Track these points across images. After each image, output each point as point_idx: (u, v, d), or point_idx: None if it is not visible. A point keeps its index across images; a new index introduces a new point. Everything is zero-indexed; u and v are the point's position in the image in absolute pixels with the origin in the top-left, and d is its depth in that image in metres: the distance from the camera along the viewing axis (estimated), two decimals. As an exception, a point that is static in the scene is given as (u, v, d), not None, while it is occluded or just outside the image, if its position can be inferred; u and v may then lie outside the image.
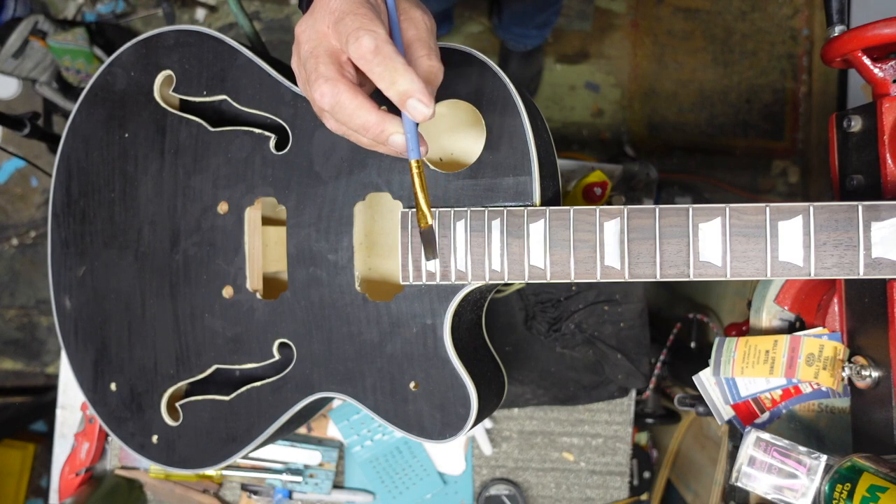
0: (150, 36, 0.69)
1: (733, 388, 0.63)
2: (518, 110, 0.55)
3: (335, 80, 0.46)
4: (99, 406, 0.73)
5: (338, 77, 0.46)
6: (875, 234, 0.47)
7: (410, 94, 0.44)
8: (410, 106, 0.44)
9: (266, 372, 0.67)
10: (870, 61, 0.53)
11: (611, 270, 0.53)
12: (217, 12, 1.69)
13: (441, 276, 0.57)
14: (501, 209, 0.55)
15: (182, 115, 0.68)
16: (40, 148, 1.60)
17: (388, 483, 0.88)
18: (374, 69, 0.44)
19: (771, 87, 1.70)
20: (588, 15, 1.69)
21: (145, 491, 0.90)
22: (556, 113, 1.69)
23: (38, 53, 1.54)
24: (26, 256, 1.69)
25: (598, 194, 0.83)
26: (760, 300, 0.65)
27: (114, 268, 0.71)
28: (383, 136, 0.47)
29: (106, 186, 0.72)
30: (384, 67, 0.44)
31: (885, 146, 0.52)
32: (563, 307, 0.84)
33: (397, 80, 0.44)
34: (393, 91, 0.44)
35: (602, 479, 0.90)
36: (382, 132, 0.47)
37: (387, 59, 0.44)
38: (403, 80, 0.44)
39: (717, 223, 0.50)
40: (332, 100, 0.46)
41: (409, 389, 0.60)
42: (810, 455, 0.52)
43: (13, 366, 1.68)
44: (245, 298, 0.67)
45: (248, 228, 0.67)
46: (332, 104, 0.46)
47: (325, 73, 0.46)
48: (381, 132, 0.47)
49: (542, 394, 0.86)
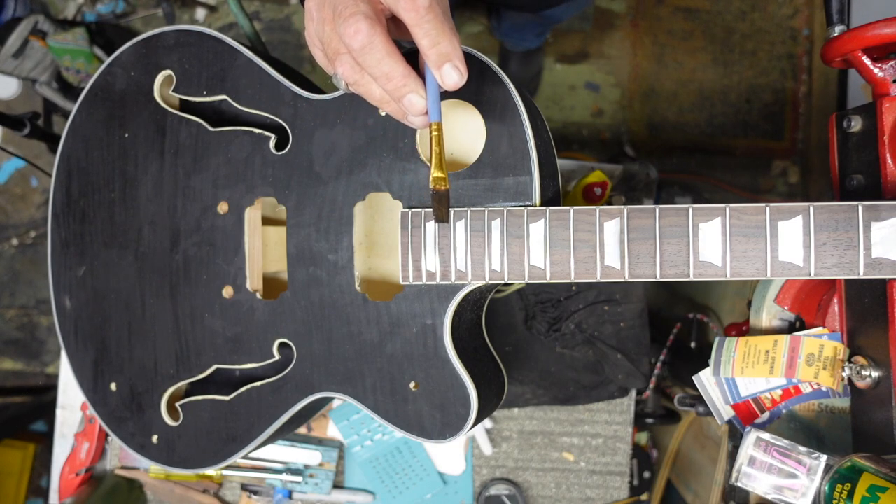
0: (150, 36, 0.69)
1: (733, 388, 0.63)
2: (518, 110, 0.55)
3: (374, 20, 0.44)
4: (99, 406, 0.73)
5: (377, 18, 0.45)
6: (875, 234, 0.47)
7: (450, 57, 0.44)
8: (447, 69, 0.44)
9: (266, 372, 0.67)
10: (870, 61, 0.53)
11: (611, 270, 0.53)
12: (217, 12, 1.69)
13: (441, 276, 0.57)
14: (501, 209, 0.55)
15: (182, 115, 0.68)
16: (40, 148, 1.60)
17: (388, 483, 0.88)
18: (423, 24, 0.43)
19: (771, 87, 1.70)
20: (588, 15, 1.69)
21: (145, 491, 0.90)
22: (556, 113, 1.69)
23: (38, 53, 1.54)
24: (26, 256, 1.69)
25: (598, 194, 0.83)
26: (760, 300, 0.65)
27: (114, 268, 0.71)
28: (402, 91, 0.46)
29: (106, 186, 0.72)
30: (432, 25, 0.43)
31: (885, 146, 0.52)
32: (563, 307, 0.84)
33: (441, 42, 0.43)
34: (434, 51, 0.44)
35: (602, 479, 0.90)
36: (405, 86, 0.46)
37: (437, 17, 0.43)
38: (447, 43, 0.44)
39: (717, 223, 0.50)
40: (366, 38, 0.44)
41: (409, 389, 0.60)
42: (810, 455, 0.52)
43: (13, 366, 1.68)
44: (245, 298, 0.67)
45: (248, 228, 0.67)
46: (365, 44, 0.44)
47: (364, 10, 0.44)
48: (404, 86, 0.46)
49: (542, 394, 0.86)
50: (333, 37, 0.47)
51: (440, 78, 0.45)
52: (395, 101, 0.48)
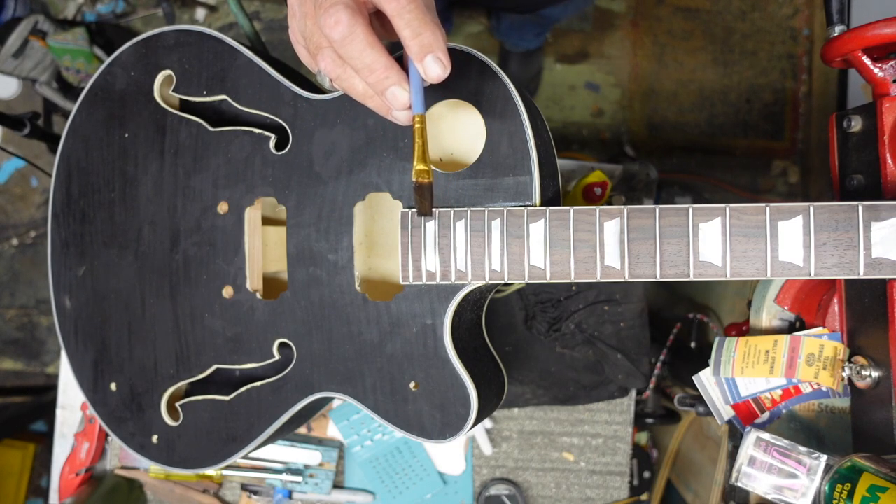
0: (150, 36, 0.69)
1: (733, 388, 0.63)
2: (518, 110, 0.55)
3: (354, 10, 0.43)
4: (99, 406, 0.73)
5: (358, 9, 0.44)
6: (875, 234, 0.47)
7: (432, 48, 0.43)
8: (428, 61, 0.43)
9: (266, 372, 0.67)
10: (870, 61, 0.53)
11: (611, 270, 0.53)
12: (217, 12, 1.69)
13: (441, 276, 0.57)
14: (501, 209, 0.55)
15: (182, 115, 0.68)
16: (40, 148, 1.60)
17: (388, 483, 0.88)
18: (404, 15, 0.43)
19: (771, 87, 1.70)
20: (588, 15, 1.69)
21: (145, 491, 0.90)
22: (556, 113, 1.69)
23: (38, 53, 1.54)
24: (26, 256, 1.69)
25: (598, 194, 0.83)
26: (760, 300, 0.65)
27: (114, 268, 0.71)
28: (384, 84, 0.45)
29: (106, 186, 0.72)
30: (414, 16, 0.43)
31: (886, 146, 0.52)
32: (563, 307, 0.84)
33: (424, 32, 0.43)
34: (416, 41, 0.43)
35: (602, 479, 0.90)
36: (387, 79, 0.45)
37: (419, 8, 0.43)
38: (429, 34, 0.43)
39: (717, 223, 0.50)
40: (346, 30, 0.43)
41: (409, 389, 0.60)
42: (810, 455, 0.52)
43: (13, 366, 1.68)
44: (245, 298, 0.67)
45: (248, 228, 0.67)
46: (345, 35, 0.43)
47: (345, 1, 0.43)
48: (386, 78, 0.45)
49: (542, 394, 0.86)
50: (315, 30, 0.46)
51: (422, 70, 0.44)
52: (378, 95, 0.47)
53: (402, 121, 0.50)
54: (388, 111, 0.49)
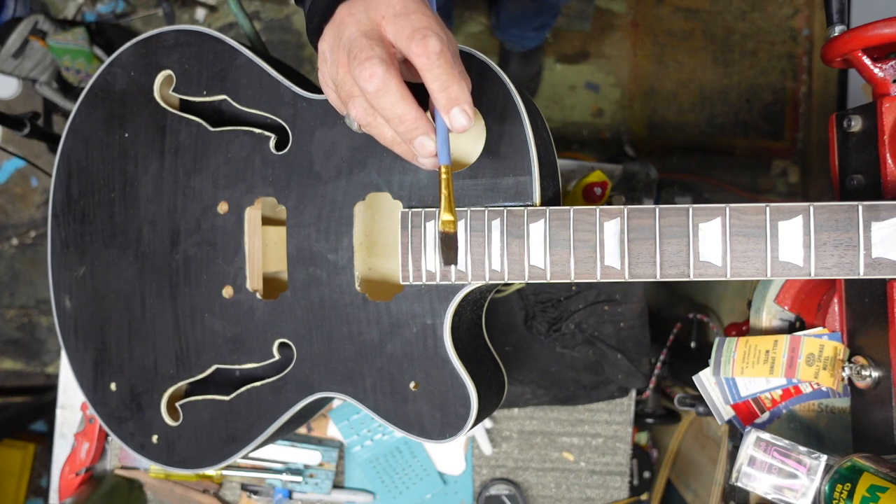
0: (150, 36, 0.69)
1: (733, 388, 0.63)
2: (518, 110, 0.55)
3: (389, 64, 0.46)
4: (99, 406, 0.73)
5: (391, 62, 0.46)
6: (875, 234, 0.47)
7: (458, 101, 0.45)
8: (455, 113, 0.46)
9: (266, 372, 0.67)
10: (870, 61, 0.53)
11: (611, 270, 0.53)
12: (217, 12, 1.69)
13: (441, 277, 0.57)
14: (501, 209, 0.55)
15: (182, 114, 0.68)
16: (40, 148, 1.60)
17: (388, 483, 0.88)
18: (433, 69, 0.45)
19: (771, 87, 1.70)
20: (588, 15, 1.69)
21: (145, 491, 0.90)
22: (556, 113, 1.69)
23: (38, 53, 1.54)
24: (26, 256, 1.69)
25: (598, 194, 0.83)
26: (760, 300, 0.65)
27: (114, 268, 0.71)
28: (413, 134, 0.48)
29: (106, 186, 0.72)
30: (443, 70, 0.45)
31: (885, 146, 0.52)
32: (563, 307, 0.84)
33: (451, 86, 0.45)
34: (444, 94, 0.45)
35: (602, 479, 0.90)
36: (416, 129, 0.47)
37: (447, 63, 0.45)
38: (456, 87, 0.45)
39: (717, 223, 0.50)
40: (381, 82, 0.45)
41: (409, 389, 0.60)
42: (810, 455, 0.53)
43: (13, 366, 1.68)
44: (245, 298, 0.67)
45: (248, 228, 0.67)
46: (380, 87, 0.46)
47: (380, 54, 0.46)
48: (415, 129, 0.47)
49: (542, 394, 0.86)
50: (347, 79, 0.49)
51: (449, 121, 0.46)
52: (407, 143, 0.49)
53: (427, 167, 0.52)
54: (414, 157, 0.52)
